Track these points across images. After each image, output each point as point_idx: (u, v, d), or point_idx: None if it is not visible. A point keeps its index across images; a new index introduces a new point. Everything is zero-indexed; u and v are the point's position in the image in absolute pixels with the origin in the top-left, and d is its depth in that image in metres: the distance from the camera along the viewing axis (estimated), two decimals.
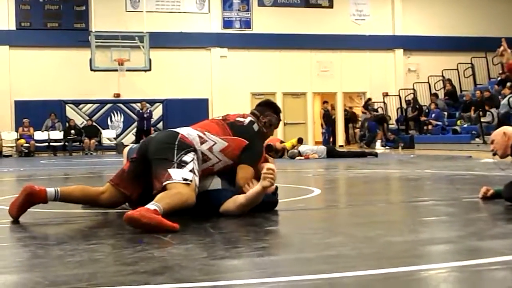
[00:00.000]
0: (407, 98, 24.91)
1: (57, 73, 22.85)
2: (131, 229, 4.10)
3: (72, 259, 3.15)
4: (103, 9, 22.27)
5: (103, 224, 4.56)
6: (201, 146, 4.65)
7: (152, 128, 22.94)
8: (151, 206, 3.98)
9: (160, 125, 23.91)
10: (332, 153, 15.65)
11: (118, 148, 21.52)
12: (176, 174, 4.31)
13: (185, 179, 4.28)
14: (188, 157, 4.45)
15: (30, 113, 22.46)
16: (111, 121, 23.78)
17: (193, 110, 23.90)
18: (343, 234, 3.93)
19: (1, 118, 22.31)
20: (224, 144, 4.79)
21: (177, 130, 4.72)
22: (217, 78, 24.77)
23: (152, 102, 23.63)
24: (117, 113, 23.88)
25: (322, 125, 24.63)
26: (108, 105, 23.70)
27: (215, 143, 4.74)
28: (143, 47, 20.85)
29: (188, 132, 4.70)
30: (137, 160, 4.65)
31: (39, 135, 22.36)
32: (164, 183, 4.28)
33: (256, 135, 5.06)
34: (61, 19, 23.61)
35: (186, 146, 4.52)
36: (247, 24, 25.46)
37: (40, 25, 23.35)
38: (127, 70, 21.32)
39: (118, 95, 23.84)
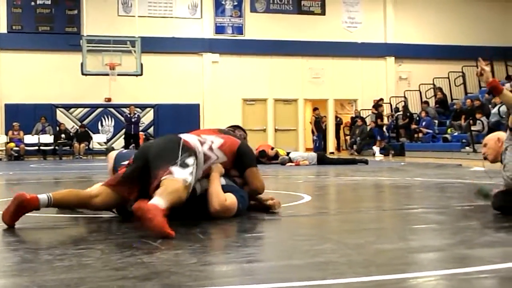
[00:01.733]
0: (397, 106, 24.98)
1: (48, 77, 22.80)
2: (120, 234, 4.09)
3: (60, 263, 3.13)
4: (95, 13, 22.25)
5: (93, 229, 4.54)
6: (202, 147, 4.78)
7: (142, 133, 22.91)
8: (159, 203, 3.99)
9: (151, 130, 23.89)
10: (323, 160, 15.68)
11: (108, 152, 21.40)
12: (178, 172, 4.35)
13: (185, 180, 4.30)
14: (190, 160, 4.51)
15: (20, 116, 22.38)
16: (102, 125, 23.73)
17: (184, 115, 23.90)
18: (332, 241, 3.93)
19: None
20: (221, 140, 5.00)
21: (179, 135, 4.81)
22: (208, 84, 24.78)
23: (143, 107, 23.61)
24: (108, 117, 23.83)
25: (313, 132, 24.62)
26: (99, 110, 23.67)
27: (213, 141, 4.93)
28: (134, 51, 20.83)
29: (189, 137, 4.77)
30: (135, 165, 4.64)
31: (29, 138, 22.27)
32: (163, 178, 4.29)
33: (243, 140, 5.34)
34: (52, 22, 23.56)
35: (189, 150, 4.60)
36: (239, 30, 25.50)
37: (32, 29, 23.29)
38: (118, 75, 21.29)
39: (109, 99, 23.80)
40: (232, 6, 25.46)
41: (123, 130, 23.28)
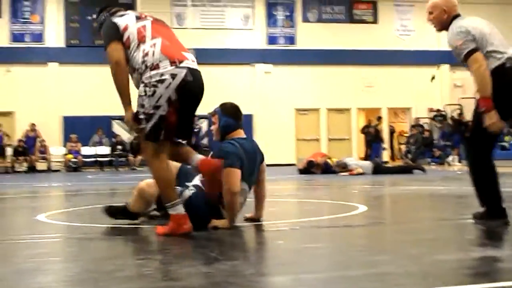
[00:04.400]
0: (453, 114, 24.60)
1: (104, 90, 23.12)
2: (177, 244, 4.15)
3: (121, 274, 3.20)
4: None
5: (150, 240, 4.61)
6: None
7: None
8: None
9: (205, 140, 24.08)
10: (379, 169, 15.48)
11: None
12: None
13: None
14: None
15: (78, 128, 22.84)
16: None
17: None
18: (388, 251, 3.91)
19: (50, 134, 22.72)
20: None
21: None
22: (261, 94, 24.85)
23: (197, 117, 23.81)
24: None
25: (368, 142, 23.92)
26: None
27: None
28: None
29: None
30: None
31: (87, 150, 22.71)
32: None
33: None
34: None
35: None
36: (291, 40, 25.54)
37: (88, 42, 23.76)
38: None
39: None
40: (284, 16, 25.53)
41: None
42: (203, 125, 24.28)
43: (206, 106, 21.84)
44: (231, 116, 5.25)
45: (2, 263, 3.82)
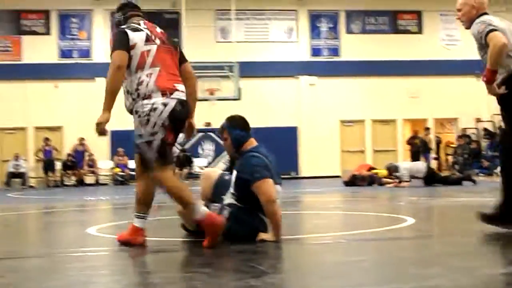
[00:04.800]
0: (500, 124, 24.15)
1: None
2: (225, 258, 4.16)
3: (171, 287, 3.23)
4: (194, 40, 22.78)
5: (198, 252, 4.63)
6: None
7: None
8: None
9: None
10: (432, 176, 15.12)
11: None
12: None
13: None
14: None
15: (125, 142, 23.11)
16: (202, 149, 24.20)
17: (282, 138, 24.02)
18: (438, 264, 3.85)
19: (98, 148, 23.05)
20: None
21: None
22: (305, 106, 24.83)
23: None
24: (208, 141, 24.30)
25: (414, 153, 23.57)
26: (199, 134, 24.09)
27: None
28: (233, 76, 21.18)
29: None
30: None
31: (134, 164, 22.94)
32: None
33: None
34: None
35: None
36: (335, 51, 25.49)
37: None
38: (217, 100, 21.69)
39: (208, 124, 24.22)
40: (328, 28, 25.50)
41: (223, 154, 23.61)
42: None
43: (254, 118, 21.81)
44: (241, 127, 5.25)
45: (54, 276, 3.89)
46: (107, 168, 23.15)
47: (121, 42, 4.80)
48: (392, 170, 15.17)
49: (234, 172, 5.15)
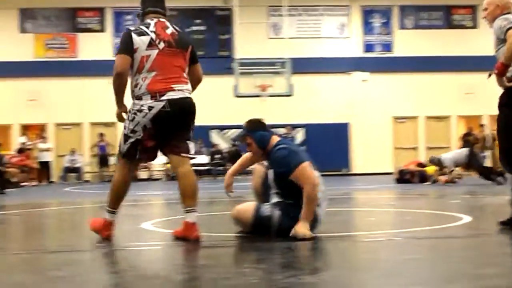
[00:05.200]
0: None
1: (203, 100, 23.36)
2: (280, 254, 4.19)
3: (227, 282, 3.27)
4: (246, 37, 22.87)
5: (252, 248, 4.67)
6: None
7: None
8: None
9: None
10: (473, 157, 14.90)
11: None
12: None
13: None
14: None
15: None
16: None
17: (334, 134, 23.98)
18: (497, 264, 3.80)
19: None
20: None
21: None
22: (358, 102, 24.68)
23: (294, 126, 23.90)
24: None
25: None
26: None
27: None
28: (284, 72, 21.18)
29: None
30: None
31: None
32: None
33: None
34: (206, 47, 24.50)
35: None
36: (388, 47, 25.25)
37: None
38: (269, 96, 21.73)
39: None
40: (381, 23, 25.28)
41: None
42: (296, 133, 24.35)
43: (305, 114, 21.70)
44: (261, 128, 5.25)
45: (109, 269, 3.98)
46: (160, 163, 23.42)
47: (125, 45, 5.08)
48: (436, 163, 15.04)
49: (270, 172, 5.16)
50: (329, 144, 23.57)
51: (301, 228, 4.74)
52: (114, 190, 5.22)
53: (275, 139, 5.21)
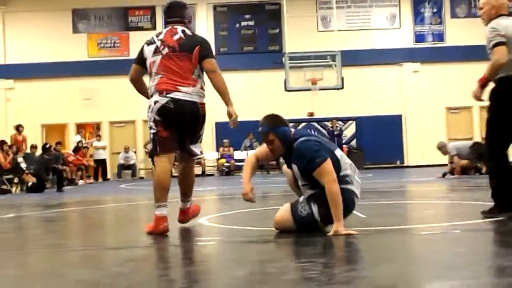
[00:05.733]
0: None
1: (254, 95, 23.72)
2: (336, 248, 4.19)
3: (287, 277, 3.29)
4: (296, 30, 22.84)
5: (309, 243, 4.67)
6: None
7: (345, 146, 23.08)
8: None
9: (353, 142, 23.99)
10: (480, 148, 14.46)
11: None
12: None
13: None
14: None
15: (229, 133, 23.47)
16: None
17: (386, 126, 23.76)
18: None
19: (204, 139, 23.52)
20: None
21: None
22: (410, 94, 24.40)
23: (345, 119, 23.78)
24: (311, 131, 24.22)
25: None
26: (302, 124, 24.13)
27: None
28: (335, 65, 21.08)
29: None
30: None
31: (238, 154, 23.29)
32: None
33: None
34: (256, 42, 24.58)
35: None
36: (439, 37, 24.89)
37: (237, 50, 24.47)
38: (320, 89, 21.68)
39: (311, 114, 24.28)
40: (432, 13, 24.93)
41: None
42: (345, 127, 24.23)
43: (357, 107, 21.51)
44: (282, 124, 5.13)
45: (170, 265, 4.04)
46: (213, 159, 23.61)
47: (137, 56, 5.77)
48: (442, 150, 14.91)
49: (294, 167, 5.06)
50: (382, 137, 23.38)
51: (339, 229, 4.67)
52: (154, 185, 5.52)
53: (293, 134, 5.14)
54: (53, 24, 24.36)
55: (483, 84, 5.75)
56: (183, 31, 5.64)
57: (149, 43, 5.65)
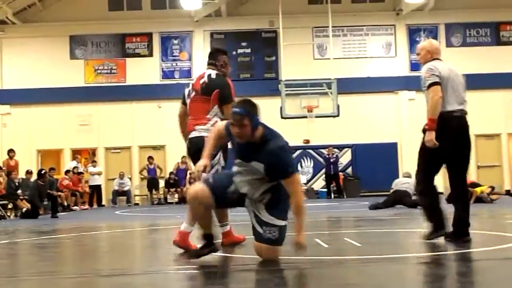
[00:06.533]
0: None
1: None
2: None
3: None
4: (292, 58, 22.98)
5: (358, 270, 4.64)
6: None
7: (341, 173, 23.11)
8: None
9: (349, 170, 24.00)
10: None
11: (308, 193, 21.98)
12: None
13: None
14: None
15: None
16: (301, 167, 24.20)
17: (382, 154, 23.77)
18: None
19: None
20: None
21: None
22: (405, 122, 24.45)
23: (341, 147, 23.81)
24: (307, 158, 24.31)
25: None
26: (298, 151, 24.16)
27: None
28: (331, 93, 21.19)
29: None
30: None
31: None
32: None
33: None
34: (252, 69, 24.69)
35: None
36: None
37: (234, 76, 24.48)
38: (316, 117, 21.75)
39: (307, 141, 24.31)
40: None
41: (322, 171, 23.62)
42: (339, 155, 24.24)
43: (353, 134, 21.54)
44: (257, 112, 5.02)
45: None
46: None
47: (182, 97, 6.51)
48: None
49: (256, 163, 4.98)
50: (378, 164, 23.38)
51: (303, 241, 4.92)
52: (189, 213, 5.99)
53: (261, 127, 5.04)
54: (50, 50, 24.46)
55: (431, 127, 6.26)
56: (209, 75, 6.25)
57: (187, 86, 6.43)
